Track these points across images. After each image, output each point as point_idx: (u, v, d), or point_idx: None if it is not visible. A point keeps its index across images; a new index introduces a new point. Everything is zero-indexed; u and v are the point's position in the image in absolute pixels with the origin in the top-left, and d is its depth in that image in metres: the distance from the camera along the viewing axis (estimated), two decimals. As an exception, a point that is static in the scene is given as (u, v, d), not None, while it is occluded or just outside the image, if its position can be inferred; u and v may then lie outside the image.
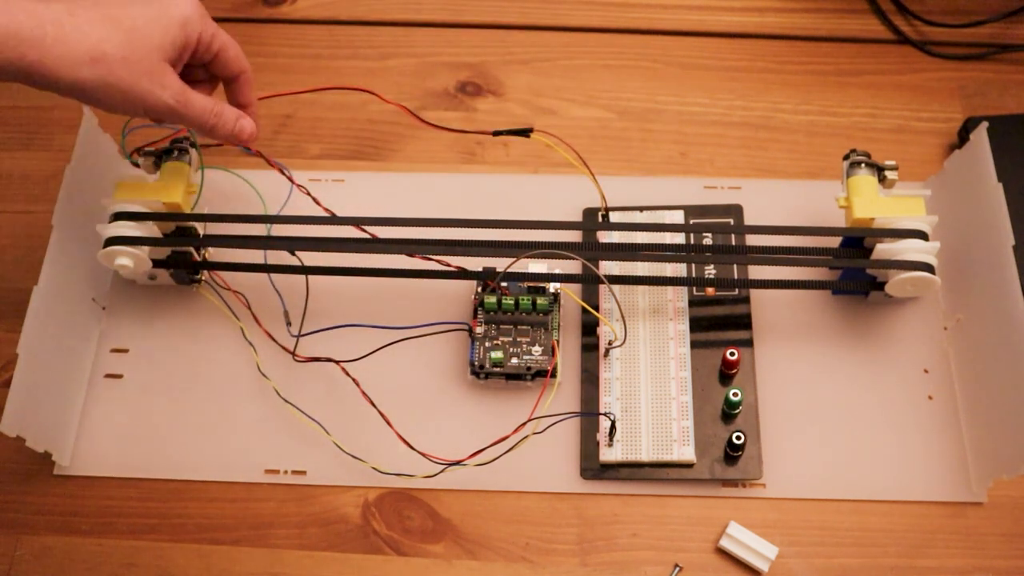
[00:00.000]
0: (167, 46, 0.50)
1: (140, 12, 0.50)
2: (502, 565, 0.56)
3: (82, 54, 0.47)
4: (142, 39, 0.49)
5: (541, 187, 0.68)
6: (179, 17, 0.51)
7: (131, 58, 0.49)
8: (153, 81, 0.50)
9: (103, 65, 0.48)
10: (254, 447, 0.60)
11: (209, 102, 0.53)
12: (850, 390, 0.60)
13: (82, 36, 0.47)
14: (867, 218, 0.57)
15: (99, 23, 0.48)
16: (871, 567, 0.56)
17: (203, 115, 0.53)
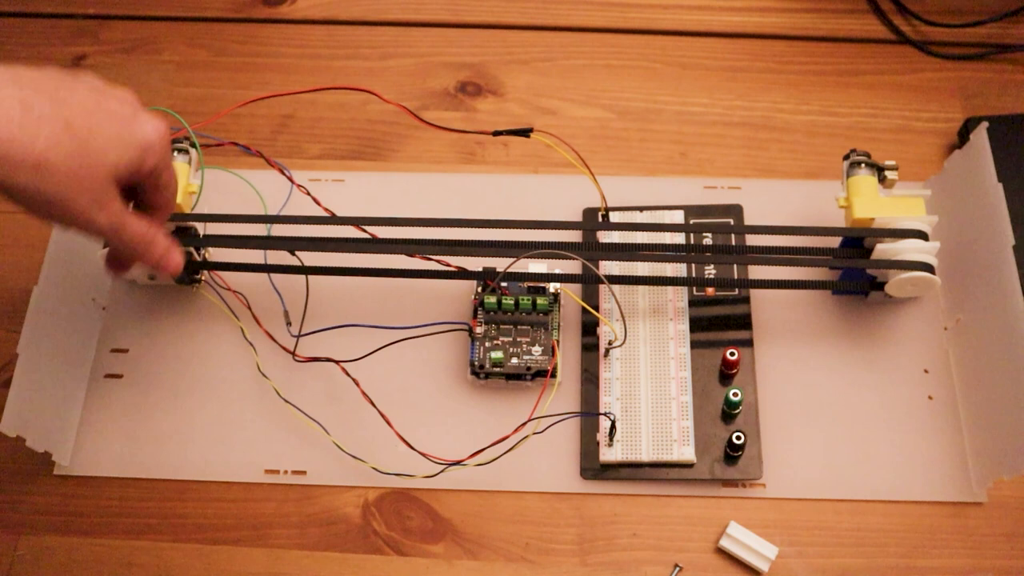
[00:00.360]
0: (120, 166, 0.46)
1: (102, 125, 0.45)
2: (502, 565, 0.57)
3: (24, 157, 0.42)
4: (95, 155, 0.44)
5: (541, 187, 0.68)
6: (142, 141, 0.46)
7: (77, 173, 0.44)
8: (92, 201, 0.45)
9: (44, 173, 0.42)
10: (254, 447, 0.60)
11: (142, 228, 0.49)
12: (850, 390, 0.60)
13: (30, 137, 0.42)
14: (867, 218, 0.57)
15: (52, 125, 0.43)
16: (871, 567, 0.56)
17: (133, 241, 0.49)
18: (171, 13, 0.77)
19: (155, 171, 0.48)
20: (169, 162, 0.49)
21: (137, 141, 0.46)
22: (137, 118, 0.47)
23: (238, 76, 0.74)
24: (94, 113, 0.45)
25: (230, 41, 0.76)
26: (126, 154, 0.46)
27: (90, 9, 0.78)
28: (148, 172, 0.48)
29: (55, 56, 0.75)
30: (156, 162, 0.48)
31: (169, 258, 0.51)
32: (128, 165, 0.46)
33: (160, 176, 0.49)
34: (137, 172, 0.47)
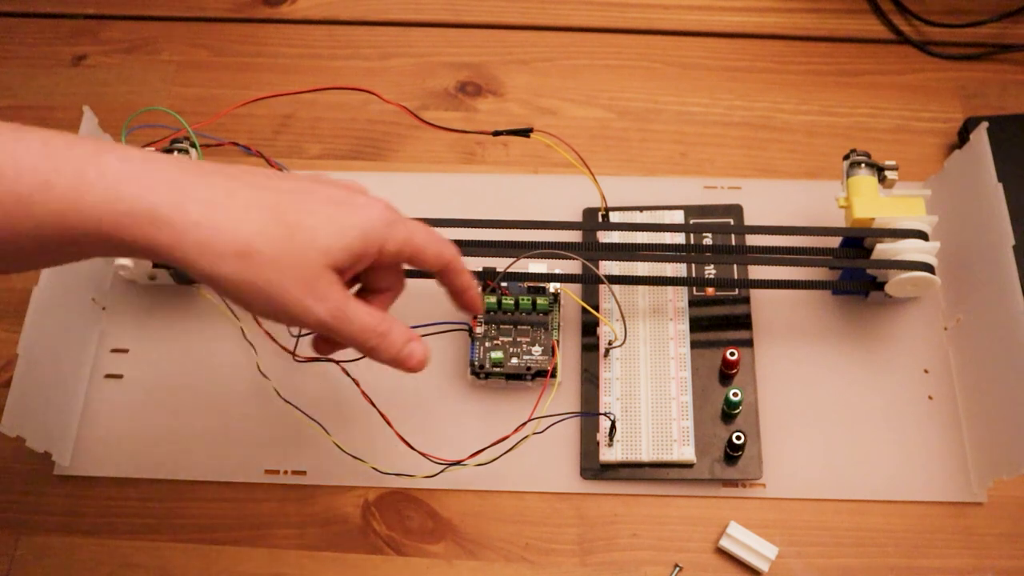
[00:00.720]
0: (336, 252, 0.41)
1: (315, 209, 0.41)
2: (502, 565, 0.57)
3: (227, 245, 0.39)
4: (305, 240, 0.40)
5: (541, 187, 0.68)
6: (362, 223, 0.42)
7: (285, 260, 0.40)
8: (307, 290, 0.41)
9: (249, 262, 0.39)
10: (254, 447, 0.60)
11: (374, 319, 0.43)
12: (850, 390, 0.60)
13: (233, 223, 0.39)
14: (867, 218, 0.57)
15: (257, 210, 0.40)
16: (871, 567, 0.56)
17: (363, 334, 0.43)
18: (171, 13, 0.77)
19: (389, 252, 0.43)
20: (406, 235, 0.44)
21: (354, 224, 0.42)
22: (354, 201, 0.43)
23: (238, 76, 0.74)
24: (304, 199, 0.41)
25: (230, 41, 0.76)
26: (342, 240, 0.41)
27: (90, 9, 0.78)
28: (379, 255, 0.43)
29: (55, 56, 0.75)
30: (383, 243, 0.43)
31: (410, 353, 0.45)
32: (345, 250, 0.41)
33: (400, 253, 0.44)
34: (362, 258, 0.43)
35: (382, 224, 0.43)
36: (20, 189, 0.37)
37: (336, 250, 0.41)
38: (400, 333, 0.45)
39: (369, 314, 0.44)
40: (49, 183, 0.37)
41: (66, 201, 0.37)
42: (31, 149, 0.38)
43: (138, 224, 0.38)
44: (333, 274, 0.42)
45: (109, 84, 0.74)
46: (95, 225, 0.37)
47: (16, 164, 0.37)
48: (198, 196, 0.39)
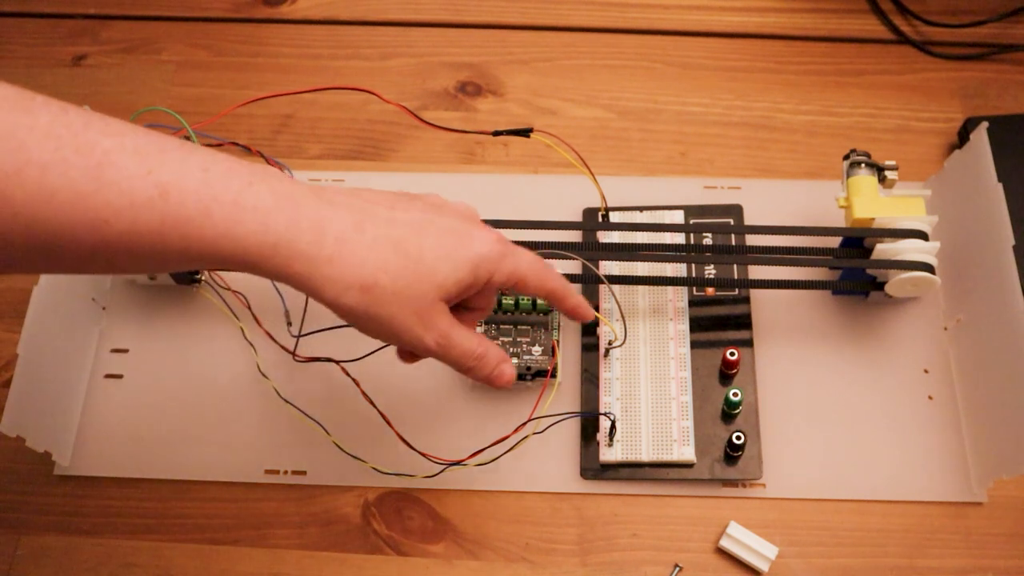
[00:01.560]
0: (449, 285, 0.44)
1: (433, 243, 0.44)
2: (502, 565, 0.57)
3: (353, 279, 0.41)
4: (424, 275, 0.43)
5: (541, 187, 0.68)
6: (475, 256, 0.44)
7: (404, 294, 0.43)
8: (419, 321, 0.44)
9: (372, 295, 0.42)
10: (254, 447, 0.60)
11: (472, 343, 0.47)
12: (850, 390, 0.60)
13: (360, 260, 0.42)
14: (867, 218, 0.57)
15: (383, 246, 0.42)
16: (871, 567, 0.56)
17: (462, 358, 0.47)
18: (171, 13, 0.77)
19: (496, 282, 0.46)
20: (512, 266, 0.46)
21: (467, 258, 0.44)
22: (469, 234, 0.45)
23: (238, 76, 0.74)
24: (425, 231, 0.44)
25: (230, 41, 0.76)
26: (455, 273, 0.44)
27: (90, 9, 0.78)
28: (485, 285, 0.46)
29: (55, 56, 0.75)
30: (492, 273, 0.46)
31: (500, 372, 0.49)
32: (458, 283, 0.44)
33: (506, 282, 0.47)
34: (471, 287, 0.45)
35: (494, 257, 0.45)
36: (182, 213, 0.38)
37: (450, 283, 0.44)
38: (494, 355, 0.48)
39: (469, 339, 0.47)
40: (209, 211, 0.39)
41: (222, 228, 0.39)
42: (194, 175, 0.39)
43: (280, 255, 0.40)
44: (443, 304, 0.45)
45: (109, 84, 0.74)
46: (242, 252, 0.40)
47: (180, 188, 0.38)
48: (333, 231, 0.41)
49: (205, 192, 0.39)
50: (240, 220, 0.39)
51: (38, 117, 0.36)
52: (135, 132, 0.38)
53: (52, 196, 0.36)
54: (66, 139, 0.36)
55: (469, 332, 0.47)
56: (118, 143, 0.37)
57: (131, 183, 0.37)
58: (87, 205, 0.36)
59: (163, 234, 0.38)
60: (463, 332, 0.46)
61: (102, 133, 0.37)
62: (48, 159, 0.36)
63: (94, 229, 0.37)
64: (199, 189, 0.39)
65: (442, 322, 0.45)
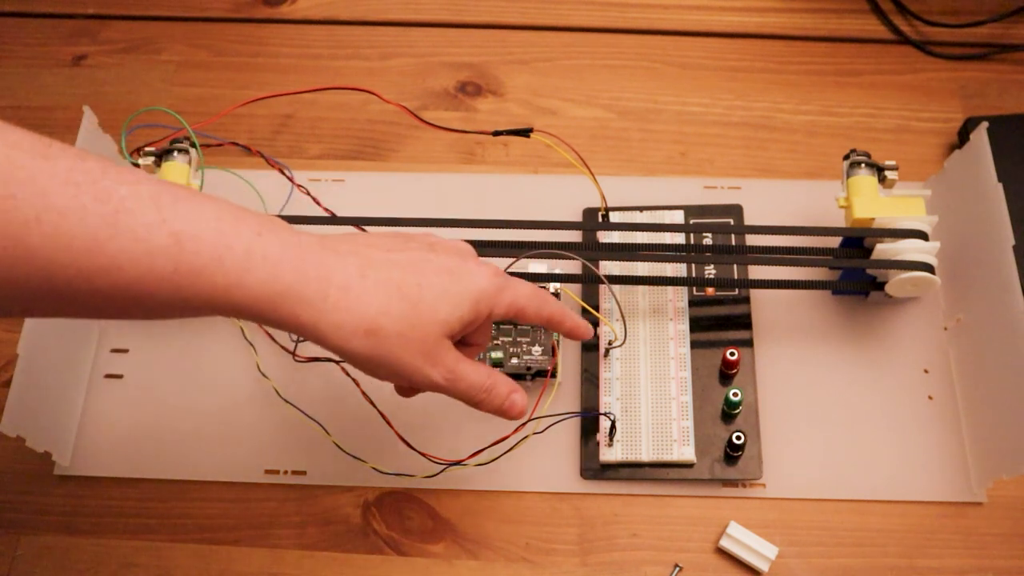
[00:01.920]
0: (452, 322, 0.45)
1: (432, 282, 0.45)
2: (502, 565, 0.57)
3: (357, 324, 0.43)
4: (426, 314, 0.44)
5: (541, 187, 0.68)
6: (474, 292, 0.46)
7: (408, 334, 0.44)
8: (425, 359, 0.45)
9: (376, 338, 0.43)
10: (254, 447, 0.60)
11: (480, 376, 0.47)
12: (850, 390, 0.60)
13: (364, 305, 0.43)
14: (867, 218, 0.57)
15: (385, 290, 0.43)
16: (871, 567, 0.56)
17: (470, 391, 0.48)
18: (171, 13, 0.77)
19: (496, 314, 0.47)
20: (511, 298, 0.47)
21: (467, 295, 0.45)
22: (468, 271, 0.46)
23: (238, 76, 0.74)
24: (423, 271, 0.45)
25: (230, 41, 0.76)
26: (457, 311, 0.45)
27: (90, 9, 0.78)
28: (487, 319, 0.47)
29: (55, 56, 0.75)
30: (492, 307, 0.47)
31: (512, 404, 0.49)
32: (460, 320, 0.45)
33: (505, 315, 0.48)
34: (473, 323, 0.46)
35: (492, 291, 0.46)
36: (196, 261, 0.39)
37: (452, 321, 0.45)
38: (503, 387, 0.49)
39: (476, 372, 0.47)
40: (222, 260, 0.40)
41: (233, 277, 0.40)
42: (207, 224, 0.40)
43: (288, 304, 0.41)
44: (448, 341, 0.46)
45: (109, 84, 0.74)
46: (252, 301, 0.41)
47: (194, 237, 0.39)
48: (337, 281, 0.42)
49: (219, 241, 0.40)
50: (250, 269, 0.40)
51: (57, 163, 0.36)
52: (149, 181, 0.39)
53: (70, 242, 0.36)
54: (84, 186, 0.37)
55: (477, 365, 0.47)
56: (134, 191, 0.38)
57: (147, 230, 0.38)
58: (103, 251, 0.37)
59: (176, 282, 0.39)
60: (470, 366, 0.47)
61: (118, 181, 0.38)
62: (67, 205, 0.36)
63: (108, 275, 0.37)
64: (212, 238, 0.39)
65: (448, 358, 0.46)
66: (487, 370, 0.48)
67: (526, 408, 0.50)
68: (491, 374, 0.48)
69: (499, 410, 0.49)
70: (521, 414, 0.50)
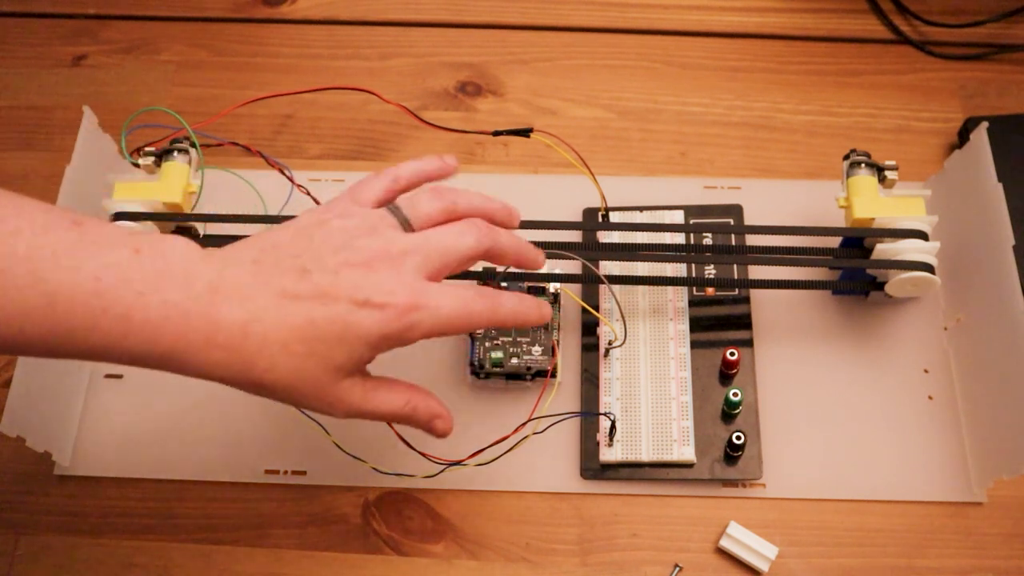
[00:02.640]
0: (350, 366, 0.43)
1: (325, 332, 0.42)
2: (502, 565, 0.57)
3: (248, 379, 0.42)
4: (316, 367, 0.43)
5: (541, 187, 0.68)
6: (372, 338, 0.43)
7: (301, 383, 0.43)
8: (323, 403, 0.44)
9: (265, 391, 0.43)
10: (254, 447, 0.60)
11: (394, 406, 0.46)
12: (850, 390, 0.60)
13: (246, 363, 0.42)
14: (867, 218, 0.57)
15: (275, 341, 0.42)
16: (871, 567, 0.56)
17: (387, 418, 0.47)
18: (171, 13, 0.77)
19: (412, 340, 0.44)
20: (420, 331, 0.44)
21: (364, 339, 0.43)
22: (375, 299, 0.43)
23: (238, 76, 0.74)
24: (314, 317, 0.42)
25: (230, 41, 0.76)
26: (354, 355, 0.43)
27: (90, 9, 0.78)
28: (404, 344, 0.44)
29: (55, 56, 0.75)
30: (401, 343, 0.44)
31: (431, 430, 0.48)
32: (360, 360, 0.44)
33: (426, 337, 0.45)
34: (380, 352, 0.44)
35: (392, 332, 0.43)
36: (70, 323, 0.39)
37: (351, 364, 0.43)
38: (424, 411, 0.47)
39: (389, 402, 0.46)
40: (96, 324, 0.39)
41: (109, 341, 0.40)
42: (85, 285, 0.39)
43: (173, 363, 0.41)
44: (349, 379, 0.44)
45: (109, 84, 0.74)
46: (129, 360, 0.41)
47: (70, 298, 0.39)
48: (221, 340, 0.41)
49: (95, 304, 0.39)
50: (128, 333, 0.40)
51: None
52: (33, 230, 0.39)
53: None
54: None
55: (391, 393, 0.46)
56: (10, 249, 0.38)
57: (21, 293, 0.38)
58: None
59: (49, 343, 0.39)
60: (383, 396, 0.45)
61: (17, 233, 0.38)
62: None
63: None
64: (88, 300, 0.39)
65: (352, 396, 0.44)
66: (404, 397, 0.46)
67: (449, 431, 0.48)
68: (409, 400, 0.46)
69: (427, 429, 0.48)
70: (443, 436, 0.48)
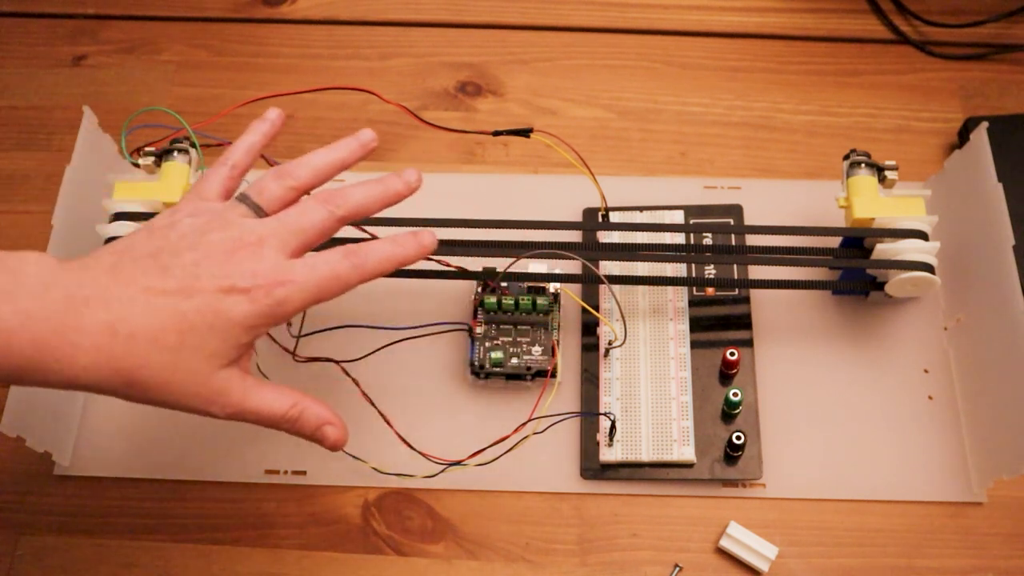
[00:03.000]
0: (224, 354, 0.42)
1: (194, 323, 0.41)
2: (502, 565, 0.56)
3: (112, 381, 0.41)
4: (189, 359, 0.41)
5: (541, 187, 0.68)
6: (238, 322, 0.42)
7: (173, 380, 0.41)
8: (200, 400, 0.42)
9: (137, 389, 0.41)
10: (254, 447, 0.60)
11: (281, 407, 0.44)
12: (850, 390, 0.60)
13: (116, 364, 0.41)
14: (867, 218, 0.57)
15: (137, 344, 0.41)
16: (871, 567, 0.56)
17: (271, 422, 0.44)
18: (171, 13, 0.77)
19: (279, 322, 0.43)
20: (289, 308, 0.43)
21: (232, 325, 0.42)
22: (227, 303, 0.42)
23: (238, 76, 0.74)
24: (181, 310, 0.41)
25: (230, 41, 0.76)
26: (226, 342, 0.42)
27: (90, 9, 0.78)
28: (275, 325, 0.43)
29: (55, 56, 0.75)
30: (274, 322, 0.43)
31: (323, 437, 0.45)
32: (236, 347, 0.42)
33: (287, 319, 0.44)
34: (255, 338, 0.43)
35: (262, 311, 0.42)
36: None
37: (223, 353, 0.42)
38: (312, 417, 0.45)
39: (274, 402, 0.44)
40: None
41: None
42: None
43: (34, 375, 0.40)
44: (227, 371, 0.42)
45: (109, 84, 0.74)
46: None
47: None
48: (86, 344, 0.40)
49: None
50: None
51: None
52: None
53: None
54: None
55: (278, 394, 0.44)
56: None
57: None
58: None
59: None
60: (266, 397, 0.44)
61: None
62: None
63: None
64: None
65: (231, 392, 0.43)
66: (291, 399, 0.44)
67: (342, 443, 0.46)
68: (296, 403, 0.44)
69: (311, 439, 0.46)
70: (335, 447, 0.46)
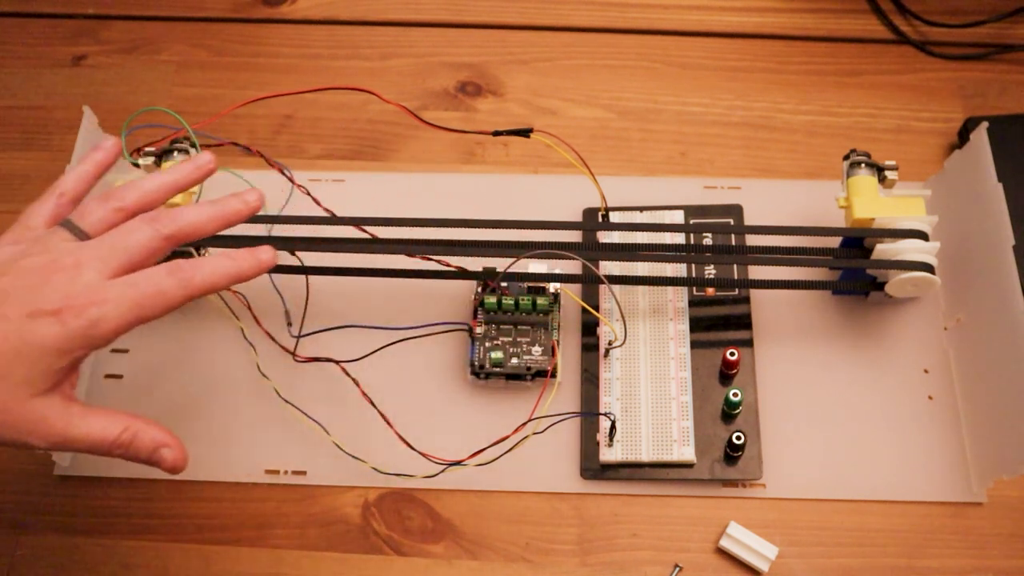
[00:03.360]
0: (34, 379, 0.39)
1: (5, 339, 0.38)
2: (502, 565, 0.57)
3: None
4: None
5: (541, 187, 0.68)
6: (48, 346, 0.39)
7: None
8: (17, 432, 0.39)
9: None
10: (254, 447, 0.60)
11: (111, 433, 0.41)
12: (850, 390, 0.60)
13: None
14: (867, 218, 0.57)
15: None
16: (871, 567, 0.56)
17: (101, 449, 0.41)
18: (171, 13, 0.77)
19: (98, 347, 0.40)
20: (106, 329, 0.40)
21: (43, 350, 0.38)
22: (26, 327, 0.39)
23: (238, 76, 0.74)
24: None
25: (230, 41, 0.76)
26: (35, 367, 0.39)
27: (90, 9, 0.78)
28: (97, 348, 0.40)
29: (55, 56, 0.75)
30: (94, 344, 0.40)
31: (159, 459, 0.42)
32: (48, 372, 0.39)
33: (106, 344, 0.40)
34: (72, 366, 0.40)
35: (79, 327, 0.39)
36: None
37: (36, 380, 0.39)
38: (146, 440, 0.42)
39: (104, 428, 0.41)
40: None
41: None
42: None
43: None
44: (45, 398, 0.39)
45: (109, 84, 0.74)
46: None
47: None
48: None
49: None
50: None
51: None
52: None
53: None
54: None
55: (105, 419, 0.41)
56: None
57: None
58: None
59: None
60: (92, 423, 0.41)
61: None
62: None
63: None
64: None
65: (51, 421, 0.40)
66: (122, 423, 0.42)
67: (182, 463, 0.43)
68: (128, 427, 0.42)
69: (148, 463, 0.43)
70: (175, 469, 0.43)
